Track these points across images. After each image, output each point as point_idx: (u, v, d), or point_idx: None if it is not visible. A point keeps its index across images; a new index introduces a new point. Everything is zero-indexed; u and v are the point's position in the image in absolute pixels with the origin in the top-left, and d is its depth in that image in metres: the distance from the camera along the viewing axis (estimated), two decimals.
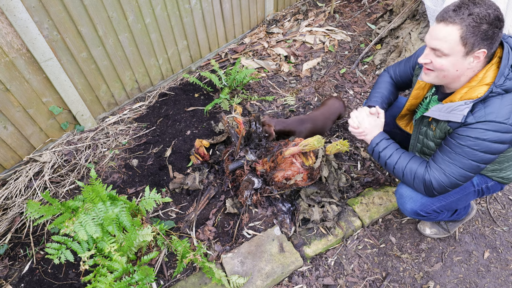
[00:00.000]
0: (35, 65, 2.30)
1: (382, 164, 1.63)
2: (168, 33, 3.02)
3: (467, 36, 1.20)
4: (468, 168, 1.35)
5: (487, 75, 1.29)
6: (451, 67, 1.29)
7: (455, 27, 1.21)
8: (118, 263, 1.50)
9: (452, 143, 1.36)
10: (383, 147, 1.61)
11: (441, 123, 1.41)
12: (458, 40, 1.22)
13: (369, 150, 1.70)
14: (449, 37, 1.23)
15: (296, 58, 3.60)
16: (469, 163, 1.33)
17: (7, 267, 1.98)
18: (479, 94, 1.28)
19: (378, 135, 1.65)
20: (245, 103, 3.02)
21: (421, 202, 1.60)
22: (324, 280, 1.86)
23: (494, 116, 1.24)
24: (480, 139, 1.27)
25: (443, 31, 1.24)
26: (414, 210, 1.62)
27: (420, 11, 3.08)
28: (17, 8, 2.05)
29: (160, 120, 2.89)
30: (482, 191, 1.66)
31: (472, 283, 1.85)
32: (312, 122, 2.39)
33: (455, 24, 1.20)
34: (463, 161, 1.34)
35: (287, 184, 2.04)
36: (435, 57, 1.31)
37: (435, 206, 1.63)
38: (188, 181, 2.30)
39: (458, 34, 1.21)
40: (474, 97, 1.29)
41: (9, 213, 2.22)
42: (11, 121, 2.32)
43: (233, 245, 2.00)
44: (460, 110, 1.30)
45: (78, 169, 2.49)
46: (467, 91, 1.33)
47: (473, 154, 1.31)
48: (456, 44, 1.23)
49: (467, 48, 1.23)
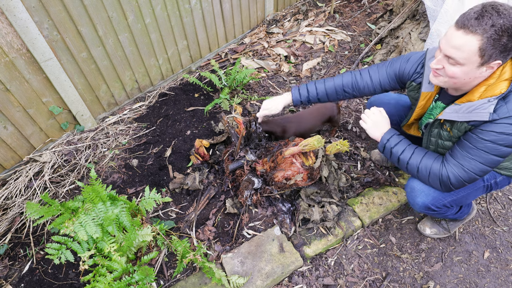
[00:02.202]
0: (35, 65, 2.30)
1: (394, 160, 1.61)
2: (168, 33, 3.02)
3: (486, 48, 1.16)
4: (488, 163, 1.35)
5: (505, 70, 1.27)
6: (463, 76, 1.27)
7: (475, 38, 1.15)
8: (117, 263, 1.50)
9: (474, 138, 1.35)
10: (395, 142, 1.60)
11: (458, 124, 1.39)
12: (476, 51, 1.17)
13: (379, 147, 1.68)
14: (466, 47, 1.18)
15: (296, 58, 3.60)
16: (490, 158, 1.34)
17: (7, 267, 1.98)
18: (502, 90, 1.26)
19: (388, 131, 1.64)
20: (245, 103, 3.02)
21: (433, 196, 1.59)
22: (324, 280, 1.86)
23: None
24: (505, 133, 1.27)
25: (461, 39, 1.18)
26: (425, 204, 1.61)
27: (420, 11, 3.08)
28: (17, 8, 2.05)
29: (160, 120, 2.89)
30: (491, 186, 1.67)
31: (472, 283, 1.85)
32: (297, 122, 2.34)
33: (476, 35, 1.15)
34: (484, 156, 1.34)
35: (287, 184, 2.04)
36: (448, 64, 1.27)
37: (446, 201, 1.62)
38: (188, 181, 2.30)
39: (477, 45, 1.16)
40: (497, 93, 1.27)
41: (9, 213, 2.23)
42: (11, 121, 2.32)
43: (233, 245, 2.00)
44: (484, 108, 1.28)
45: (78, 169, 2.49)
46: (486, 88, 1.31)
47: (495, 148, 1.31)
48: (473, 54, 1.18)
49: (483, 59, 1.19)
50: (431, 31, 2.63)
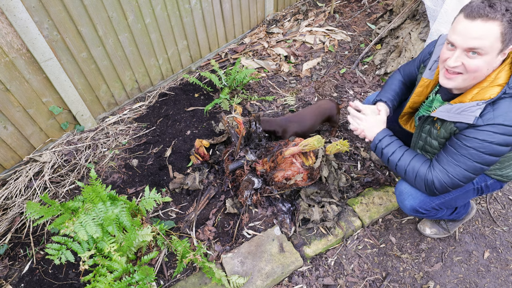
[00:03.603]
0: (35, 65, 2.30)
1: (385, 161, 1.62)
2: (168, 33, 3.02)
3: (507, 32, 1.16)
4: (471, 170, 1.35)
5: (500, 76, 1.27)
6: (485, 67, 1.24)
7: (495, 23, 1.15)
8: (117, 263, 1.50)
9: (458, 144, 1.35)
10: (386, 143, 1.60)
11: (447, 123, 1.40)
12: (499, 36, 1.16)
13: (372, 147, 1.69)
14: (489, 34, 1.16)
15: (296, 58, 3.60)
16: (473, 165, 1.33)
17: (7, 267, 1.98)
18: (492, 95, 1.26)
19: (382, 131, 1.64)
20: (245, 103, 3.02)
21: (420, 199, 1.60)
22: (324, 280, 1.86)
23: (503, 119, 1.23)
24: (487, 141, 1.26)
25: (482, 29, 1.16)
26: (413, 207, 1.62)
27: (420, 11, 3.08)
28: (17, 8, 2.05)
29: (160, 120, 2.89)
30: (481, 189, 1.66)
31: (472, 283, 1.85)
32: (298, 121, 2.35)
33: (496, 20, 1.14)
34: (467, 162, 1.33)
35: (287, 184, 2.04)
36: (468, 58, 1.24)
37: (434, 204, 1.63)
38: (188, 181, 2.30)
39: (499, 31, 1.15)
40: (486, 98, 1.27)
41: (9, 213, 2.23)
42: (11, 121, 2.32)
43: (233, 245, 2.00)
44: (472, 111, 1.28)
45: (78, 169, 2.49)
46: (479, 91, 1.30)
47: (478, 156, 1.30)
48: (496, 41, 1.17)
49: (503, 45, 1.19)
50: (431, 31, 2.63)
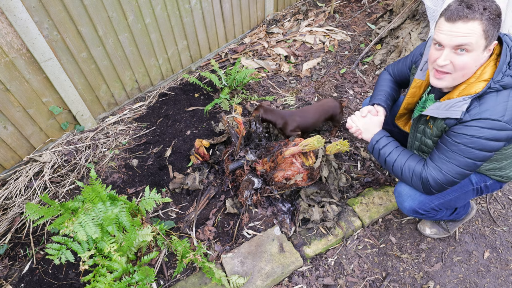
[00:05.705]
0: (35, 65, 2.30)
1: (382, 162, 1.63)
2: (168, 33, 3.02)
3: (489, 29, 1.21)
4: (464, 166, 1.35)
5: (485, 71, 1.30)
6: (473, 63, 1.27)
7: (476, 22, 1.20)
8: (117, 263, 1.50)
9: (448, 141, 1.36)
10: (383, 144, 1.61)
11: (438, 121, 1.41)
12: (482, 33, 1.21)
13: (369, 148, 1.70)
14: (473, 31, 1.21)
15: (296, 58, 3.60)
16: (465, 160, 1.34)
17: (7, 267, 1.98)
18: (477, 90, 1.28)
19: (378, 132, 1.65)
20: (245, 103, 3.02)
21: (420, 200, 1.61)
22: (324, 280, 1.86)
23: (489, 113, 1.24)
24: (476, 136, 1.27)
25: (464, 28, 1.21)
26: (412, 208, 1.63)
27: (420, 11, 3.08)
28: (17, 8, 2.05)
29: (160, 120, 2.89)
30: (481, 189, 1.66)
31: (472, 283, 1.85)
32: (300, 116, 2.36)
33: (476, 20, 1.20)
34: (459, 159, 1.34)
35: (287, 184, 2.04)
36: (456, 56, 1.27)
37: (433, 204, 1.63)
38: (188, 181, 2.30)
39: (481, 28, 1.20)
40: (472, 92, 1.29)
41: (9, 213, 2.23)
42: (11, 121, 2.32)
43: (233, 245, 2.00)
44: (459, 106, 1.30)
45: (78, 169, 2.49)
46: (465, 87, 1.33)
47: (469, 151, 1.31)
48: (480, 37, 1.21)
49: (487, 41, 1.23)
50: (431, 31, 2.63)
